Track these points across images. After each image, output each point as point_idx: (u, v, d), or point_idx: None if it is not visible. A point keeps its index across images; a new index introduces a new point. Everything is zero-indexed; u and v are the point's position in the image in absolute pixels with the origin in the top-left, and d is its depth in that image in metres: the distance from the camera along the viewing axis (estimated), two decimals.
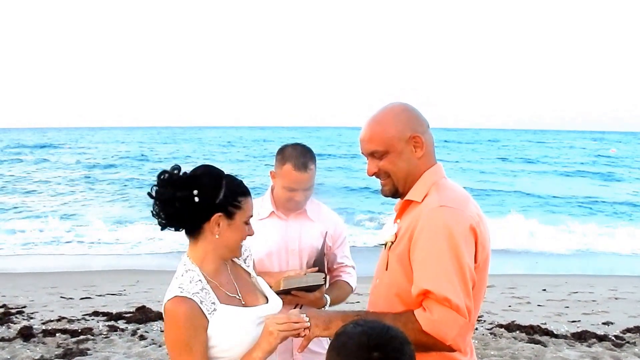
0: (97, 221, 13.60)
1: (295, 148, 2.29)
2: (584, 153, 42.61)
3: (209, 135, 73.18)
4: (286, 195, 2.28)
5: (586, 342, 5.13)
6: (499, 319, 5.89)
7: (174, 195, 1.55)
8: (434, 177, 1.66)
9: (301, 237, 2.36)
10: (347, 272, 2.47)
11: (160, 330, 5.33)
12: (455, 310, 1.47)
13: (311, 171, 2.24)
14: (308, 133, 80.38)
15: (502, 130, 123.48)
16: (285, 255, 2.34)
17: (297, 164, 2.21)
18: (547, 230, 12.69)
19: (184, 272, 1.61)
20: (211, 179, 1.59)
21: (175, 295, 1.54)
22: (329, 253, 2.44)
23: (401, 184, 1.69)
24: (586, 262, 10.44)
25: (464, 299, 1.49)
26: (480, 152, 40.81)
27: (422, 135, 1.65)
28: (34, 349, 4.73)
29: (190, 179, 1.58)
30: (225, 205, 1.58)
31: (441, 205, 1.54)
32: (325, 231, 2.37)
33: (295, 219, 2.38)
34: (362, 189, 19.35)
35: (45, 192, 20.34)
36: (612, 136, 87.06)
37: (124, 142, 52.62)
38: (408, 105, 1.72)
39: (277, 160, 2.30)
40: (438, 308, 1.48)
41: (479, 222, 1.58)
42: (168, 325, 1.54)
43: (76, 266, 9.74)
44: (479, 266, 1.57)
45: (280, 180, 2.27)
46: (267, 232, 2.33)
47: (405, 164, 1.66)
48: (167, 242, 10.96)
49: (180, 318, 1.51)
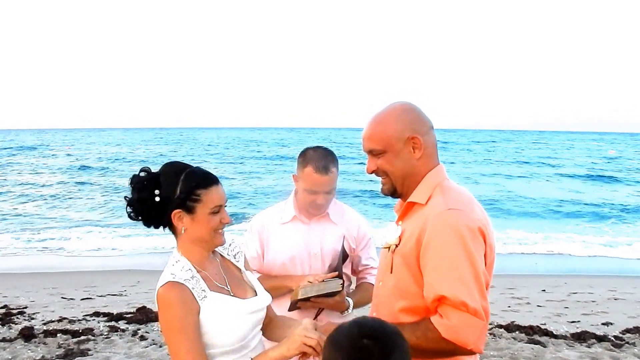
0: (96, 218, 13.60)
1: (316, 151, 2.27)
2: (585, 154, 42.61)
3: (206, 135, 73.26)
4: (308, 199, 2.27)
5: (585, 343, 5.13)
6: (498, 320, 5.89)
7: (137, 197, 1.65)
8: (437, 179, 1.66)
9: (323, 240, 2.35)
10: (372, 274, 2.43)
11: (160, 330, 5.34)
12: (472, 314, 1.47)
13: (332, 174, 2.23)
14: (306, 134, 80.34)
15: (501, 131, 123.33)
16: (307, 259, 2.33)
17: (318, 166, 2.20)
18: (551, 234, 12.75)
19: (175, 262, 1.67)
20: (169, 177, 1.65)
21: (167, 281, 1.59)
22: (354, 255, 2.43)
23: (399, 184, 1.69)
24: (587, 264, 10.45)
25: (480, 301, 1.48)
26: (485, 154, 40.84)
27: (422, 137, 1.65)
28: (35, 350, 4.74)
29: (152, 179, 1.66)
30: (184, 200, 1.63)
31: (449, 208, 1.54)
32: (343, 235, 2.35)
33: (317, 222, 2.36)
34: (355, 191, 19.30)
35: (44, 193, 20.36)
36: (609, 137, 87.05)
37: (118, 144, 52.60)
38: (411, 105, 1.70)
39: (299, 163, 2.28)
40: (455, 313, 1.47)
41: (486, 223, 1.58)
42: (162, 310, 1.58)
43: (77, 267, 9.75)
44: (487, 267, 1.58)
45: (302, 182, 2.26)
46: (289, 236, 2.33)
47: (403, 164, 1.66)
48: (167, 242, 10.98)
49: (173, 301, 1.55)
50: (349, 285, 2.48)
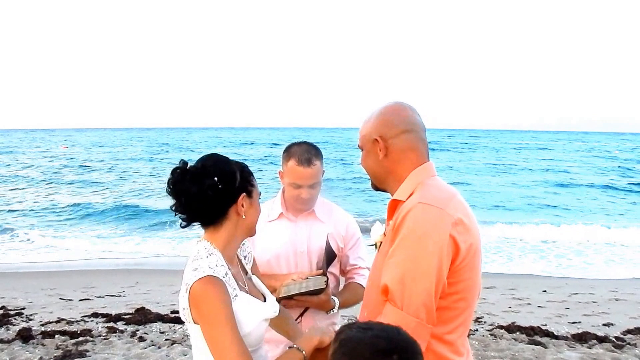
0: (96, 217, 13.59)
1: (300, 145, 2.28)
2: (590, 155, 42.72)
3: (202, 135, 73.45)
4: (293, 193, 2.26)
5: (587, 344, 5.11)
6: (499, 320, 5.88)
7: (202, 187, 1.56)
8: (421, 177, 1.67)
9: (310, 238, 2.33)
10: (360, 274, 2.42)
11: (159, 331, 5.31)
12: (406, 312, 1.44)
13: (315, 167, 2.22)
14: (303, 132, 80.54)
15: (501, 131, 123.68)
16: (293, 257, 2.32)
17: (301, 159, 2.21)
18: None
19: (208, 254, 1.58)
20: (225, 165, 1.62)
21: (207, 275, 1.50)
22: (342, 255, 2.41)
23: (375, 180, 1.77)
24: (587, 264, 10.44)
25: (419, 298, 1.45)
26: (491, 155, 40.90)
27: (389, 140, 1.69)
28: (33, 351, 4.71)
29: (206, 169, 1.59)
30: (245, 186, 1.63)
31: (419, 202, 1.54)
32: (327, 233, 2.32)
33: (304, 220, 2.35)
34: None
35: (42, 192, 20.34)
36: (612, 137, 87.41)
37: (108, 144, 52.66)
38: (390, 108, 1.73)
39: (283, 158, 2.29)
40: (390, 310, 1.47)
41: (459, 220, 1.55)
42: (203, 302, 1.49)
43: (75, 268, 9.73)
44: (461, 265, 1.54)
45: (286, 177, 2.26)
46: (275, 234, 2.31)
47: (372, 163, 1.74)
48: (165, 244, 10.97)
49: (215, 294, 1.48)
50: (337, 285, 2.44)
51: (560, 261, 10.49)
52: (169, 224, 12.78)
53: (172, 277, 7.63)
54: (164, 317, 5.70)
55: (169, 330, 5.31)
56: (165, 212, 13.01)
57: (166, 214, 12.47)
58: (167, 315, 5.83)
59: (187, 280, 1.53)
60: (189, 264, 1.58)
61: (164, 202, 14.28)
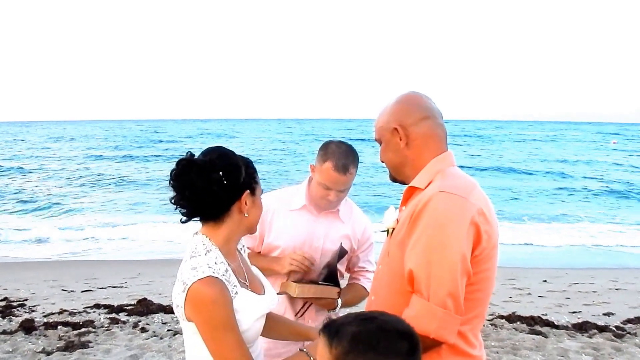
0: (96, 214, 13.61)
1: (339, 146, 2.19)
2: (589, 146, 42.55)
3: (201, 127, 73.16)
4: (320, 193, 2.22)
5: (587, 333, 5.13)
6: (499, 310, 5.90)
7: (207, 181, 1.51)
8: (440, 165, 1.65)
9: (327, 236, 2.31)
10: (365, 277, 2.43)
11: (161, 322, 5.34)
12: (434, 302, 1.43)
13: (351, 175, 2.17)
14: (303, 125, 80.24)
15: (505, 122, 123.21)
16: (308, 251, 2.29)
17: (337, 165, 2.14)
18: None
19: (206, 251, 1.54)
20: (231, 159, 1.57)
21: (208, 275, 1.47)
22: (353, 255, 2.42)
23: (395, 173, 1.74)
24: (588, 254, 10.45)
25: (445, 288, 1.44)
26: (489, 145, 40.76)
27: (408, 128, 1.66)
28: (36, 342, 4.74)
29: (213, 162, 1.53)
30: (249, 182, 1.59)
31: (441, 190, 1.52)
32: (345, 235, 2.33)
33: (325, 217, 2.32)
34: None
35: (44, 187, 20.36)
36: (609, 127, 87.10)
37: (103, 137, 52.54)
38: (405, 96, 1.72)
39: (319, 155, 2.21)
40: (416, 302, 1.46)
41: (481, 210, 1.53)
42: (204, 305, 1.46)
43: (77, 259, 9.76)
44: (481, 256, 1.53)
45: (319, 175, 2.20)
46: (295, 224, 2.29)
47: (393, 154, 1.71)
48: (167, 234, 10.98)
49: (216, 296, 1.45)
50: (342, 278, 2.45)
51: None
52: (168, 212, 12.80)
53: (174, 267, 7.62)
54: (166, 308, 5.72)
55: (171, 321, 5.33)
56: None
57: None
58: (169, 306, 5.84)
59: (184, 279, 1.49)
60: (186, 260, 1.55)
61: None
